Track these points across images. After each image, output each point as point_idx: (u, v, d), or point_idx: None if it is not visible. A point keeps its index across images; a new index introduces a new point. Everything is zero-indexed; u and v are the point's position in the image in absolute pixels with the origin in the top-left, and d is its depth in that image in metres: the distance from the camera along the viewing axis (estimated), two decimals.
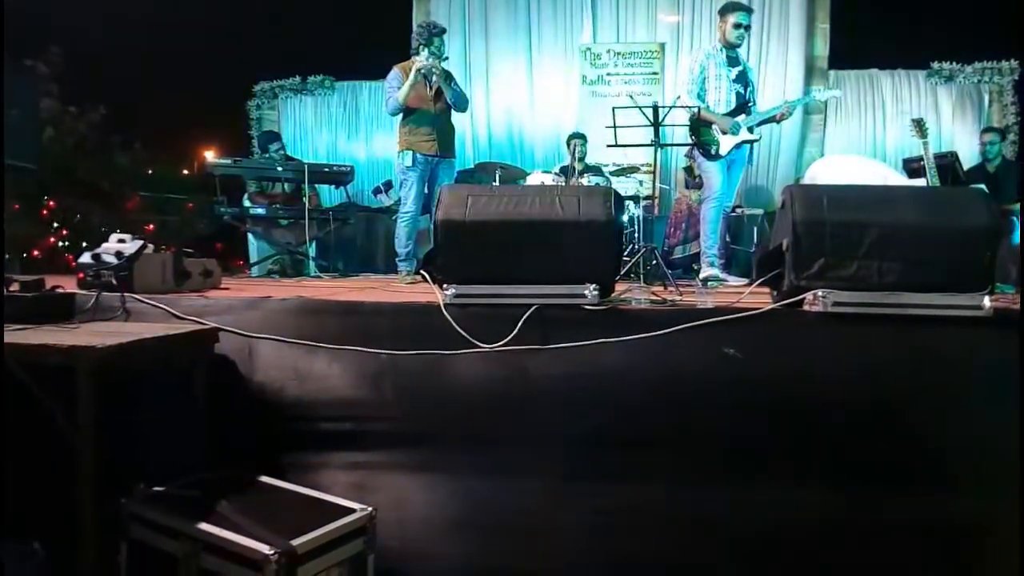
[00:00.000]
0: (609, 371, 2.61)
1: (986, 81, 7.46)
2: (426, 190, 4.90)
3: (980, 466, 2.48)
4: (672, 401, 2.59)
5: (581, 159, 6.59)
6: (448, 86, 4.86)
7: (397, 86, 4.79)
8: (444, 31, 4.92)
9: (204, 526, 2.11)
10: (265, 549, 1.98)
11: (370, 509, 2.30)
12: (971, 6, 6.44)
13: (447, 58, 4.96)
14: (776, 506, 2.53)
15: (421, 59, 4.74)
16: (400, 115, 4.87)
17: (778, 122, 4.87)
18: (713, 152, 4.63)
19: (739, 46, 4.70)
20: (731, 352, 2.57)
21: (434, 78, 4.79)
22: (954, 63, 7.48)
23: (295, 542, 2.03)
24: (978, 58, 7.43)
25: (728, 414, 2.57)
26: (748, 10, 4.71)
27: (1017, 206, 5.19)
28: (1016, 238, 5.09)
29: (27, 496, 2.34)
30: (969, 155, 5.68)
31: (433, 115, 4.84)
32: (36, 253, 6.36)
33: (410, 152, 4.79)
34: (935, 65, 7.52)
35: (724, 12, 4.71)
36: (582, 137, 6.65)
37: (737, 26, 4.64)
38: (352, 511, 2.28)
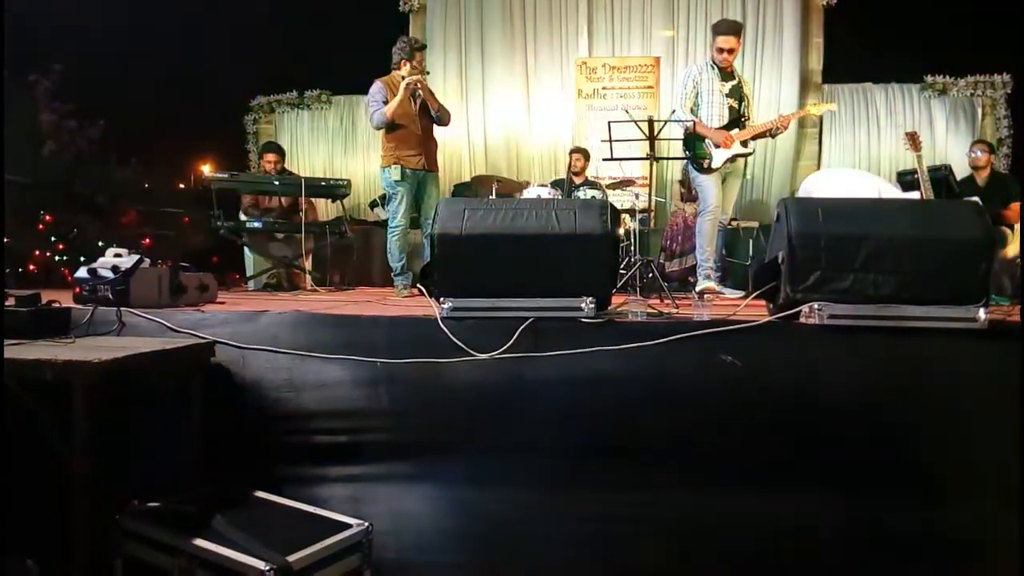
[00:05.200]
0: (606, 381, 2.61)
1: (979, 95, 7.51)
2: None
3: (976, 476, 2.48)
4: (669, 411, 2.60)
5: (578, 172, 6.64)
6: (434, 100, 4.90)
7: (382, 99, 4.79)
8: (425, 47, 5.03)
9: (199, 542, 2.10)
10: (260, 565, 1.97)
11: (366, 524, 2.29)
12: (964, 21, 6.50)
13: (428, 72, 5.04)
14: (773, 515, 2.53)
15: (405, 72, 4.76)
16: (384, 130, 4.87)
17: (773, 136, 4.89)
18: (706, 165, 4.64)
19: (726, 69, 4.68)
20: (729, 359, 2.57)
21: (419, 93, 4.82)
22: (947, 77, 7.54)
23: (291, 558, 2.02)
24: (971, 72, 7.49)
25: (725, 425, 2.58)
26: (736, 32, 4.69)
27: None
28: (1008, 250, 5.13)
29: (21, 512, 2.32)
30: (962, 168, 5.73)
31: (418, 130, 4.86)
32: (32, 267, 6.35)
33: (398, 166, 4.79)
34: (929, 79, 7.59)
35: (714, 32, 4.73)
36: (583, 151, 6.71)
37: (720, 50, 4.63)
38: (348, 526, 2.27)
